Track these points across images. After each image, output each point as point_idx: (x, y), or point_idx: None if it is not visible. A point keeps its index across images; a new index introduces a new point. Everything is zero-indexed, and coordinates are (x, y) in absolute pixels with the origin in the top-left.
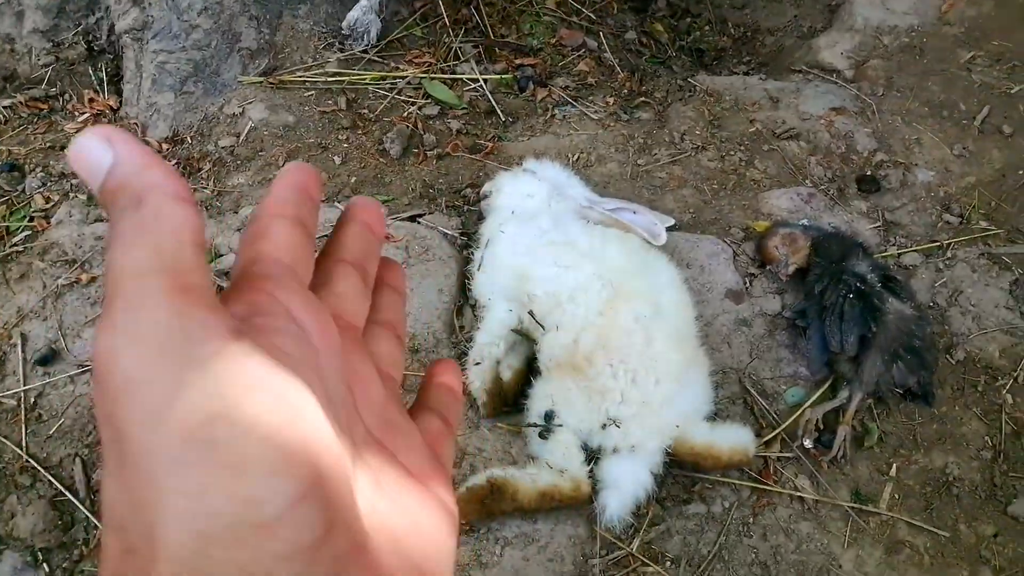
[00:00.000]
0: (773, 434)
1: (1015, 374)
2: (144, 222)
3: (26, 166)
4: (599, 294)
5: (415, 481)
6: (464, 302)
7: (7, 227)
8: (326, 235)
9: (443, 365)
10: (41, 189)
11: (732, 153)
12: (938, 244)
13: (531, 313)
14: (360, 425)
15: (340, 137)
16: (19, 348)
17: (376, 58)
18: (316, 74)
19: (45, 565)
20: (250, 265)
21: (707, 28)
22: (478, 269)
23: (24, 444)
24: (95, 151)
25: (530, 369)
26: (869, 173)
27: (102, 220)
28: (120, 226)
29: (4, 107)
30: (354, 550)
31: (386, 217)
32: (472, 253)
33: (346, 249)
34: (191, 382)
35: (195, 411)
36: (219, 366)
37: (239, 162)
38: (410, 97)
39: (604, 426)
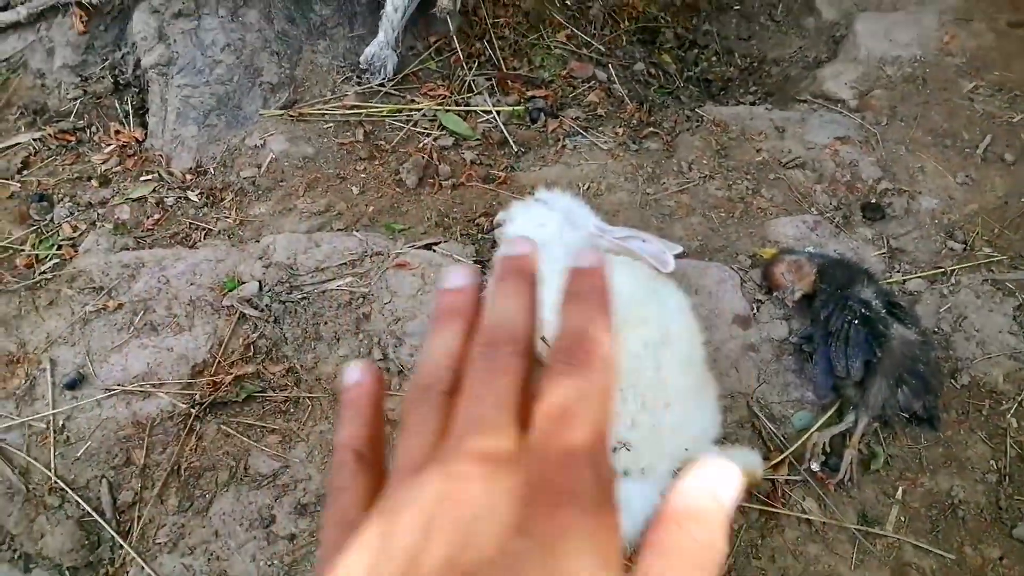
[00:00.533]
0: (781, 457)
1: (1019, 398)
2: None
3: (55, 196)
4: None
5: None
6: None
7: (37, 255)
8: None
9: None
10: (69, 218)
11: (739, 182)
12: (942, 270)
13: (544, 339)
14: None
15: (358, 168)
16: (48, 373)
17: (392, 91)
18: (335, 107)
19: None
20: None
21: (714, 59)
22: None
23: (53, 466)
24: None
25: None
26: (874, 201)
27: (128, 249)
28: None
29: (34, 139)
30: None
31: (403, 245)
32: (486, 281)
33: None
34: None
35: None
36: None
37: (260, 192)
38: (425, 129)
39: (615, 449)
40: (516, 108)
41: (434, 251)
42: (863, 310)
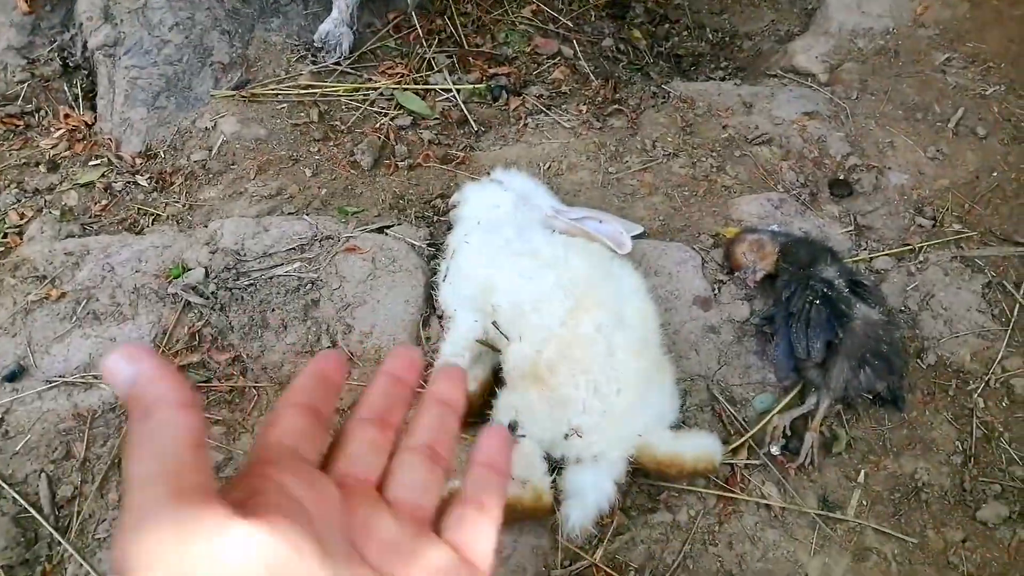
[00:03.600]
0: (740, 441)
1: (986, 378)
2: (151, 432)
3: (1, 183)
4: (561, 304)
5: None
6: (431, 313)
7: None
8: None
9: (489, 438)
10: (15, 205)
11: (704, 159)
12: (910, 248)
13: (495, 324)
14: (365, 569)
15: (312, 149)
16: None
17: (349, 70)
18: (289, 87)
19: None
20: (258, 451)
21: (685, 34)
22: (443, 280)
23: None
24: (119, 369)
25: (496, 380)
26: (842, 177)
27: (73, 236)
28: (133, 436)
29: None
30: None
31: (354, 229)
32: (439, 264)
33: (366, 407)
34: (184, 570)
35: None
36: (206, 550)
37: (211, 176)
38: (383, 108)
39: (567, 436)
40: (477, 86)
41: (387, 234)
42: (825, 290)
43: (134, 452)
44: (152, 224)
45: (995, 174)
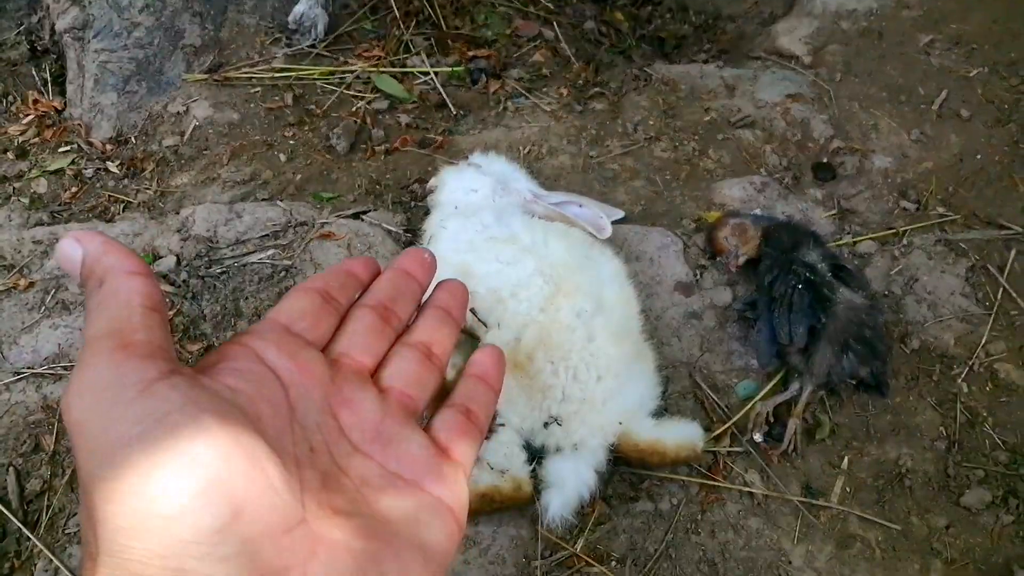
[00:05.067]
0: (723, 428)
1: (970, 362)
2: (103, 297)
3: None
4: (540, 290)
5: (405, 483)
6: None
7: None
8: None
9: (483, 354)
10: None
11: (686, 143)
12: (894, 231)
13: (473, 311)
14: (343, 442)
15: (286, 134)
16: None
17: (324, 53)
18: (262, 70)
19: None
20: (251, 327)
21: (668, 16)
22: None
23: None
24: (69, 250)
25: None
26: (825, 160)
27: (42, 224)
28: (89, 304)
29: None
30: (269, 532)
31: (329, 215)
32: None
33: (371, 295)
34: (117, 416)
35: (118, 437)
36: (142, 402)
37: (183, 161)
38: (359, 92)
39: (546, 424)
40: (456, 69)
41: (362, 220)
42: (808, 274)
43: (88, 317)
44: (123, 211)
45: (979, 156)
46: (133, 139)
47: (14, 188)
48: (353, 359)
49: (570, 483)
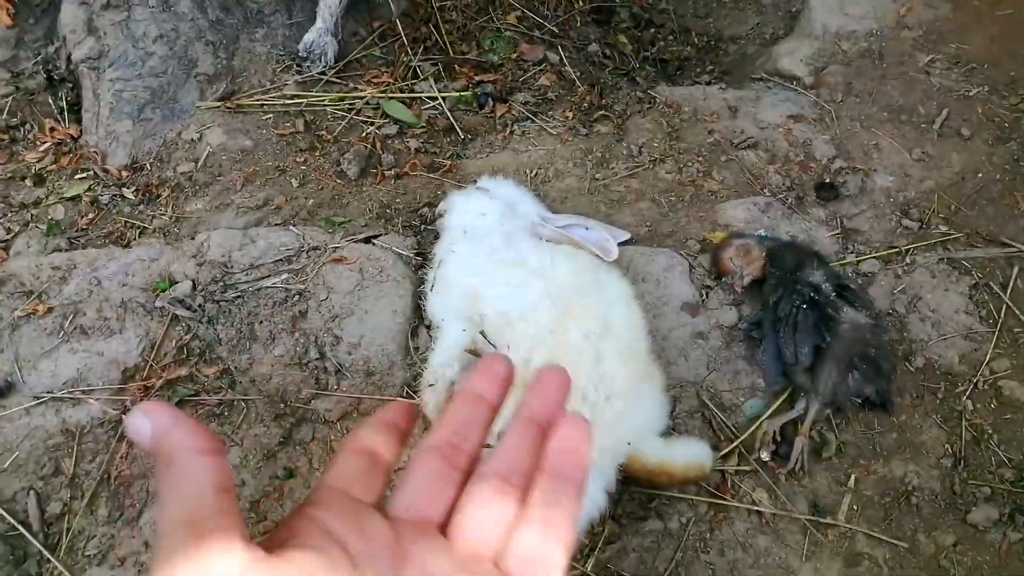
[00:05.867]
0: (730, 447)
1: (975, 379)
2: (174, 478)
3: None
4: (549, 312)
5: None
6: (419, 323)
7: None
8: None
9: (567, 427)
10: (1, 220)
11: (690, 164)
12: (897, 250)
13: (483, 333)
14: None
15: (298, 159)
16: None
17: (334, 79)
18: (274, 97)
19: None
20: (309, 495)
21: (671, 38)
22: (431, 290)
23: None
24: (139, 424)
25: None
26: (828, 180)
27: (60, 250)
28: (159, 482)
29: None
30: None
31: (341, 239)
32: (426, 273)
33: (436, 433)
34: None
35: None
36: None
37: (197, 187)
38: (369, 117)
39: None
40: (463, 93)
41: (374, 244)
42: (812, 294)
43: (160, 500)
44: (139, 237)
45: (980, 175)
46: (148, 166)
47: (32, 215)
48: (419, 514)
49: None
